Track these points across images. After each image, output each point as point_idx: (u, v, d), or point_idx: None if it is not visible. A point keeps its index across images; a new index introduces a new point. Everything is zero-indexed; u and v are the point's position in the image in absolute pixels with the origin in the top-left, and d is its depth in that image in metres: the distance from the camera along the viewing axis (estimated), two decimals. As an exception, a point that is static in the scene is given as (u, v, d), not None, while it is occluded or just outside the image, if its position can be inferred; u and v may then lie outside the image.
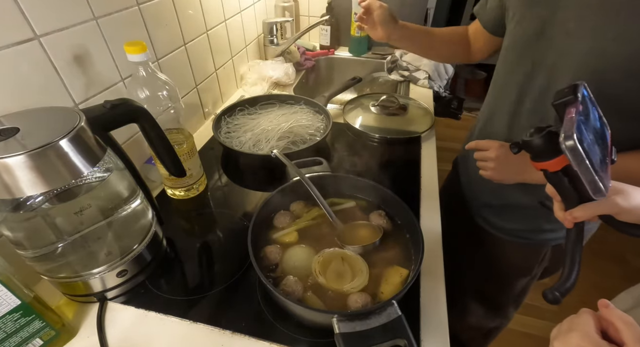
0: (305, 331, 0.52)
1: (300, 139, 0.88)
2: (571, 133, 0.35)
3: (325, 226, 0.61)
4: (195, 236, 0.69)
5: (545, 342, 0.48)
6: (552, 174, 0.41)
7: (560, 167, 0.40)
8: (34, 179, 0.39)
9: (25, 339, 0.45)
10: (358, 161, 0.90)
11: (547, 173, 0.42)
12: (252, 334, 0.51)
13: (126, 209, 0.53)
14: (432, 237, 0.67)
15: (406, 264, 0.55)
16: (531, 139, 0.40)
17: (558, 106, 0.38)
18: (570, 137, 0.35)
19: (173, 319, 0.53)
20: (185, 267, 0.62)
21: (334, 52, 1.48)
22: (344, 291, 0.51)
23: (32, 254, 0.48)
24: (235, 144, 0.85)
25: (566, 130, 0.35)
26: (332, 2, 1.43)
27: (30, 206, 0.44)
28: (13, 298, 0.41)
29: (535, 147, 0.40)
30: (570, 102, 0.37)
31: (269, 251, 0.56)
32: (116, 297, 0.56)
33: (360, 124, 1.00)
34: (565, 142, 0.35)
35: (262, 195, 0.79)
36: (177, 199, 0.75)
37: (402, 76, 1.28)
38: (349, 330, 0.42)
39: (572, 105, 0.36)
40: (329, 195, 0.64)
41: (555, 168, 0.40)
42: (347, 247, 0.57)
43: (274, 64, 1.21)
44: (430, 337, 0.52)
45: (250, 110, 0.99)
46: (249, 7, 1.18)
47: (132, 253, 0.55)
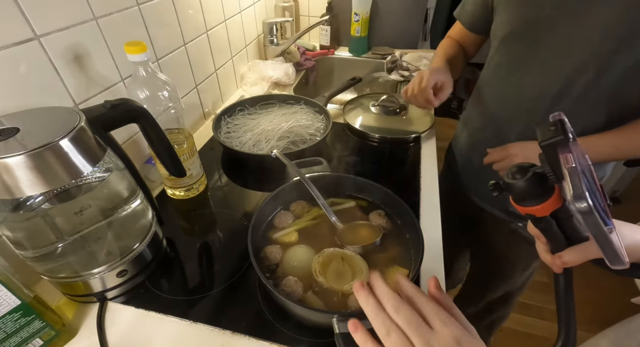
0: (305, 331, 0.52)
1: (300, 139, 0.88)
2: (581, 192, 0.29)
3: (325, 226, 0.61)
4: (195, 236, 0.69)
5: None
6: (540, 219, 0.36)
7: (549, 212, 0.35)
8: (34, 179, 0.39)
9: (25, 339, 0.45)
10: (358, 161, 0.90)
11: (534, 218, 0.36)
12: (252, 334, 0.51)
13: (126, 209, 0.53)
14: (432, 237, 0.67)
15: (406, 264, 0.55)
16: (514, 182, 0.34)
17: (545, 148, 0.31)
18: (582, 197, 0.28)
19: (173, 319, 0.53)
20: (185, 267, 0.62)
21: (334, 52, 1.48)
22: (344, 291, 0.51)
23: (32, 254, 0.48)
24: (235, 144, 0.85)
25: (575, 187, 0.29)
26: (332, 2, 1.43)
27: (30, 206, 0.44)
28: (13, 298, 0.41)
29: (521, 192, 0.34)
30: (562, 144, 0.30)
31: (269, 251, 0.56)
32: (116, 297, 0.56)
33: (360, 124, 1.00)
34: (577, 205, 0.29)
35: (262, 195, 0.79)
36: (177, 199, 0.75)
37: (402, 76, 1.28)
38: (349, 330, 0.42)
39: (564, 147, 0.30)
40: (329, 195, 0.64)
41: (543, 213, 0.35)
42: (347, 247, 0.57)
43: (274, 64, 1.21)
44: (430, 337, 0.52)
45: (250, 110, 0.99)
46: (249, 7, 1.18)
47: (132, 253, 0.55)
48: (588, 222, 0.30)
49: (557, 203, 0.34)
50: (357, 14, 1.37)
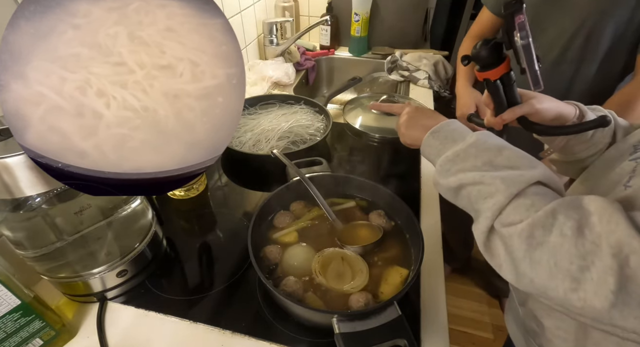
0: (305, 331, 0.52)
1: (300, 139, 0.88)
2: (526, 33, 0.42)
3: (325, 226, 0.61)
4: (195, 236, 0.69)
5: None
6: (492, 83, 0.50)
7: (499, 75, 0.49)
8: (34, 179, 0.39)
9: (25, 339, 0.45)
10: (358, 161, 0.90)
11: (488, 82, 0.50)
12: (252, 334, 0.51)
13: (126, 209, 0.53)
14: (432, 237, 0.67)
15: (406, 264, 0.55)
16: (480, 50, 0.47)
17: (506, 16, 0.43)
18: (525, 36, 0.42)
19: (173, 319, 0.53)
20: (185, 267, 0.62)
21: (334, 52, 1.48)
22: (344, 291, 0.51)
23: (32, 254, 0.48)
24: (235, 144, 0.85)
25: (520, 30, 0.42)
26: (332, 2, 1.43)
27: (30, 205, 0.43)
28: (13, 298, 0.42)
29: (483, 57, 0.48)
30: (517, 11, 0.43)
31: (269, 250, 0.56)
32: (116, 297, 0.56)
33: (360, 124, 1.00)
34: (520, 41, 0.43)
35: (262, 195, 0.79)
36: (177, 199, 0.75)
37: (402, 76, 1.28)
38: (349, 330, 0.42)
39: (519, 13, 0.43)
40: (329, 195, 0.64)
41: (495, 76, 0.49)
42: (347, 247, 0.57)
43: (274, 64, 1.21)
44: (430, 337, 0.52)
45: (250, 110, 0.99)
46: (249, 7, 1.18)
47: (132, 253, 0.55)
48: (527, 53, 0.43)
49: (506, 68, 0.48)
50: (357, 14, 1.37)
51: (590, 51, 0.84)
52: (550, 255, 0.31)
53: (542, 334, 0.50)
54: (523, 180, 0.35)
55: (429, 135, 0.46)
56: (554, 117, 0.51)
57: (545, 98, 0.51)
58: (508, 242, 0.34)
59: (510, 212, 0.34)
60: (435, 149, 0.45)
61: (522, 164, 0.37)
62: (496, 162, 0.38)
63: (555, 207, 0.32)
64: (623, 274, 0.27)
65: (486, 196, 0.36)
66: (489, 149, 0.40)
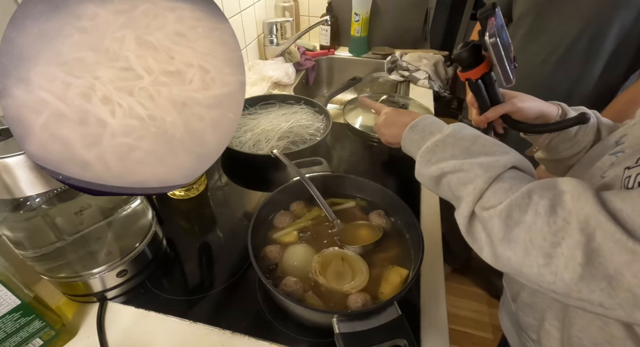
0: (305, 331, 0.52)
1: (300, 139, 0.88)
2: (493, 32, 0.46)
3: (325, 226, 0.61)
4: (195, 236, 0.69)
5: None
6: (473, 83, 0.53)
7: (480, 74, 0.51)
8: (34, 179, 0.39)
9: (25, 339, 0.45)
10: (358, 161, 0.90)
11: (470, 82, 0.53)
12: (252, 334, 0.51)
13: (126, 209, 0.53)
14: (432, 237, 0.67)
15: (406, 264, 0.55)
16: (460, 52, 0.51)
17: (481, 19, 0.47)
18: (493, 35, 0.46)
19: (173, 319, 0.53)
20: (185, 267, 0.62)
21: (334, 52, 1.48)
22: (344, 291, 0.51)
23: (32, 254, 0.48)
24: (235, 144, 0.85)
25: (489, 30, 0.46)
26: (332, 2, 1.43)
27: (30, 205, 0.44)
28: (13, 298, 0.42)
29: (463, 58, 0.51)
30: (491, 14, 0.46)
31: (269, 250, 0.56)
32: (116, 297, 0.56)
33: (360, 124, 1.00)
34: (489, 39, 0.46)
35: (262, 195, 0.79)
36: (177, 199, 0.75)
37: (402, 76, 1.28)
38: (349, 330, 0.42)
39: (492, 16, 0.46)
40: (329, 195, 0.64)
41: (476, 76, 0.52)
42: (347, 247, 0.57)
43: (274, 64, 1.21)
44: (430, 337, 0.52)
45: (250, 110, 0.99)
46: (249, 7, 1.18)
47: (132, 253, 0.55)
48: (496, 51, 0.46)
49: (485, 68, 0.51)
50: (357, 14, 1.37)
51: (596, 50, 0.84)
52: (525, 233, 0.32)
53: (533, 327, 0.51)
54: (499, 165, 0.37)
55: (408, 129, 0.49)
56: (537, 115, 0.53)
57: (527, 97, 0.54)
58: (488, 224, 0.35)
59: (490, 196, 0.36)
60: (415, 143, 0.47)
61: (497, 151, 0.40)
62: (472, 150, 0.40)
63: (531, 188, 0.33)
64: (590, 247, 0.28)
65: (466, 182, 0.38)
66: (464, 138, 0.42)
